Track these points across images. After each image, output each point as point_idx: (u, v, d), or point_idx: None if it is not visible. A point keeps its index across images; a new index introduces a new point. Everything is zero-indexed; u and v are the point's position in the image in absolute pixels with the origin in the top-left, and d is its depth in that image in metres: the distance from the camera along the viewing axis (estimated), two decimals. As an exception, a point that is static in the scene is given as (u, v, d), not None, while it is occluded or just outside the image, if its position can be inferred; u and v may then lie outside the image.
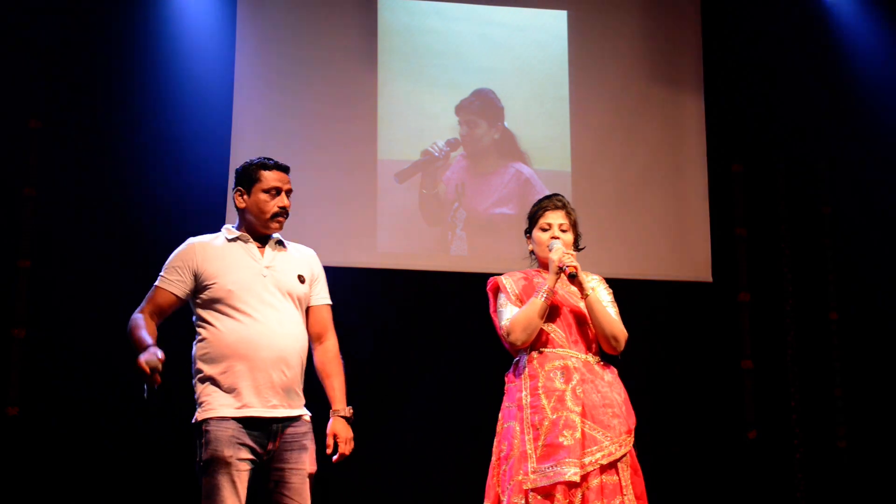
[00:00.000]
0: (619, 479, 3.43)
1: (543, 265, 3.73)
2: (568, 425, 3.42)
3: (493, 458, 3.62)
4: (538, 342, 3.60)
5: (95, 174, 5.93)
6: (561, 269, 3.56)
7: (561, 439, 3.40)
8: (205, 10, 6.22)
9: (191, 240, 3.43)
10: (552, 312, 3.61)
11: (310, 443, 3.33)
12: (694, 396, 6.44)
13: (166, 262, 3.40)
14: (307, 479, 3.29)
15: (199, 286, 3.32)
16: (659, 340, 6.44)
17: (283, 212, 3.38)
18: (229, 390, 3.21)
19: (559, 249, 3.60)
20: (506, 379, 3.69)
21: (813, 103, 6.72)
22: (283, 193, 3.39)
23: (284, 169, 3.42)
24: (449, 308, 6.19)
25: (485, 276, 3.89)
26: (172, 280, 3.34)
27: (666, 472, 6.16)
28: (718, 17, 6.76)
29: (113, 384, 5.75)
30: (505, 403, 3.65)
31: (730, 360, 6.55)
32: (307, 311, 3.46)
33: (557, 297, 3.63)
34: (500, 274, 3.80)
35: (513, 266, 4.06)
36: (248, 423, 3.21)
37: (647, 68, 6.56)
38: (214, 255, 3.34)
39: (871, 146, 6.66)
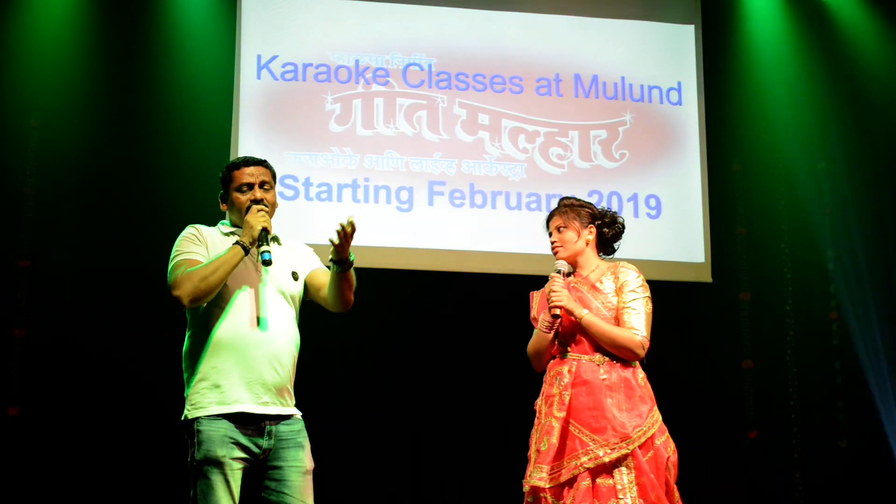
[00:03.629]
0: (615, 483, 3.39)
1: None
2: (547, 431, 3.46)
3: None
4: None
5: (95, 174, 5.93)
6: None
7: (541, 444, 3.47)
8: (205, 10, 6.23)
9: (192, 226, 3.31)
10: None
11: (305, 441, 3.27)
12: (694, 396, 6.44)
13: (178, 244, 3.23)
14: (306, 477, 3.23)
15: None
16: (659, 340, 6.42)
17: (258, 203, 3.27)
18: (219, 387, 3.14)
19: (550, 283, 3.60)
20: None
21: (813, 104, 6.72)
22: (255, 188, 3.29)
23: (255, 163, 3.34)
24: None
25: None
26: (195, 251, 3.20)
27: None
28: (718, 16, 6.76)
29: (113, 384, 5.76)
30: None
31: (730, 360, 6.55)
32: (308, 278, 3.38)
33: None
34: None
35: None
36: (241, 420, 3.13)
37: (647, 68, 6.56)
38: (213, 244, 3.25)
39: (871, 146, 6.67)
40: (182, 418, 3.17)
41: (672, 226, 6.41)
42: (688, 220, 6.43)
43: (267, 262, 3.17)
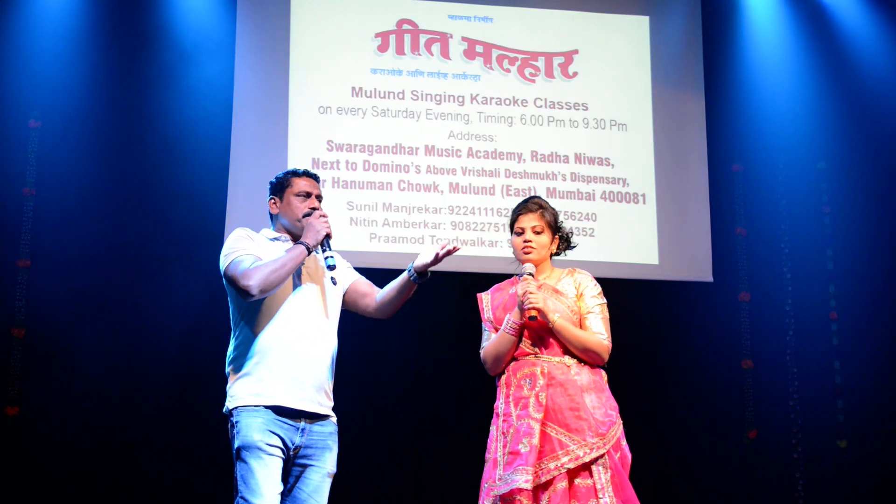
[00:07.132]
0: (594, 483, 3.40)
1: None
2: (527, 432, 3.44)
3: (485, 460, 3.64)
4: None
5: (95, 174, 5.93)
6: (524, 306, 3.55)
7: (519, 446, 3.43)
8: (204, 11, 6.22)
9: (243, 228, 3.50)
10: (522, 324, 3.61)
11: (334, 444, 3.44)
12: (694, 396, 6.44)
13: (234, 242, 3.39)
14: (326, 479, 3.40)
15: None
16: (659, 340, 6.44)
17: (313, 213, 3.46)
18: (261, 381, 3.30)
19: (525, 284, 3.57)
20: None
21: (813, 104, 6.72)
22: (312, 197, 3.51)
23: (314, 176, 3.57)
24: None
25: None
26: (252, 249, 3.37)
27: (666, 472, 6.17)
28: (719, 17, 6.76)
29: (112, 384, 5.76)
30: (494, 408, 3.68)
31: (730, 360, 6.55)
32: (346, 292, 3.58)
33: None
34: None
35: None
36: (278, 412, 3.29)
37: (648, 69, 6.55)
38: (262, 248, 3.42)
39: (871, 146, 6.67)
40: (224, 410, 3.36)
41: (672, 226, 6.41)
42: (688, 220, 6.43)
43: (332, 268, 3.39)
